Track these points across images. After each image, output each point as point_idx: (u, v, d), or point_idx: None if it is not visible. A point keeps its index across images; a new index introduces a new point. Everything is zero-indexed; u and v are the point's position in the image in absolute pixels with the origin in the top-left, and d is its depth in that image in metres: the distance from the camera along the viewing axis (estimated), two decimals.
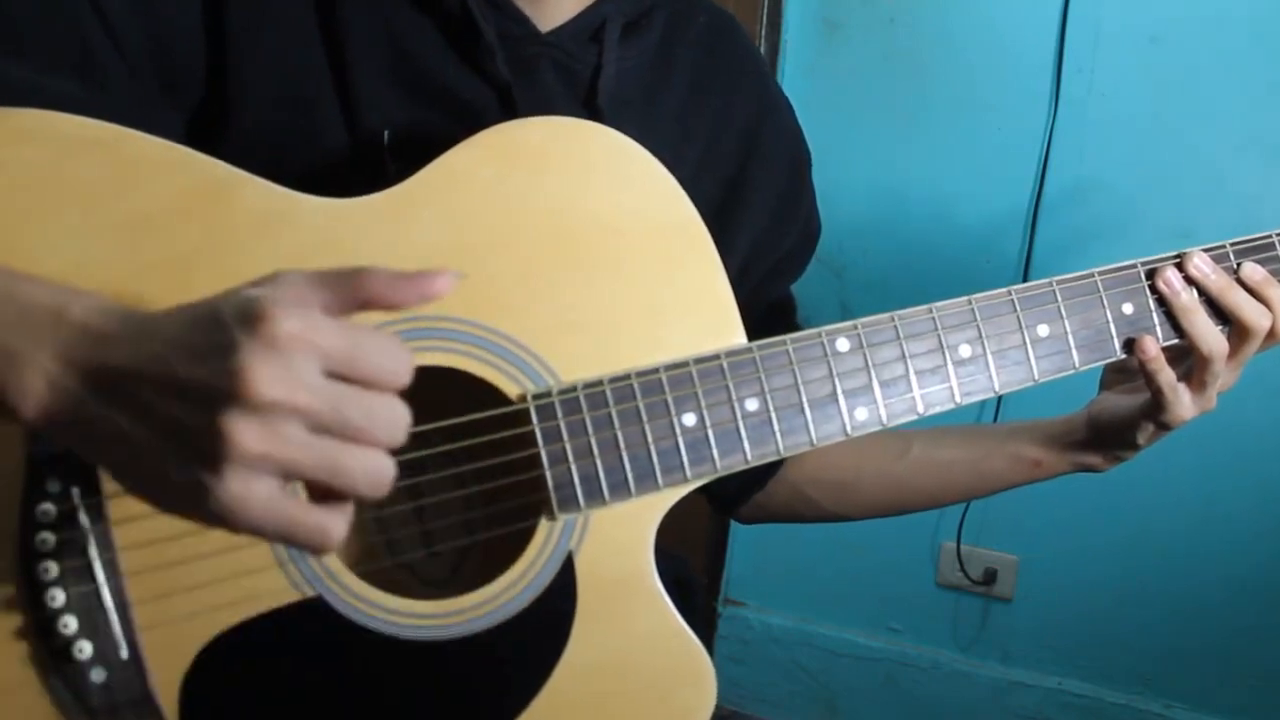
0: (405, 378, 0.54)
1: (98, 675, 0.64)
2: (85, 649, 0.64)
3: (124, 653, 0.65)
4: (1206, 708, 1.92)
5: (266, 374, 0.50)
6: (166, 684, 0.67)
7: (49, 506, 0.63)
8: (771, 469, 0.99)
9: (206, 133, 0.76)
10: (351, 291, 0.55)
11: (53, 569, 0.64)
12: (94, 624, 0.64)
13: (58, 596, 0.64)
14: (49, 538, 0.64)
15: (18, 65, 0.69)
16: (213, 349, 0.51)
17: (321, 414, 0.52)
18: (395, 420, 0.54)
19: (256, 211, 0.67)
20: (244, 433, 0.51)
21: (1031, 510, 1.95)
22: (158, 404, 0.52)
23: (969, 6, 1.84)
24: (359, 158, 0.77)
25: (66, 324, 0.55)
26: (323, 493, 0.54)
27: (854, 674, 2.14)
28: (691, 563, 1.01)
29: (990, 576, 2.01)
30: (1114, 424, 0.90)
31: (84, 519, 0.64)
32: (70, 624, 0.64)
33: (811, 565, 2.13)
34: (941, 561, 2.05)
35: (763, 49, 1.92)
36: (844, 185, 1.94)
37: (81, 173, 0.65)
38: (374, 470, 0.53)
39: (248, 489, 0.52)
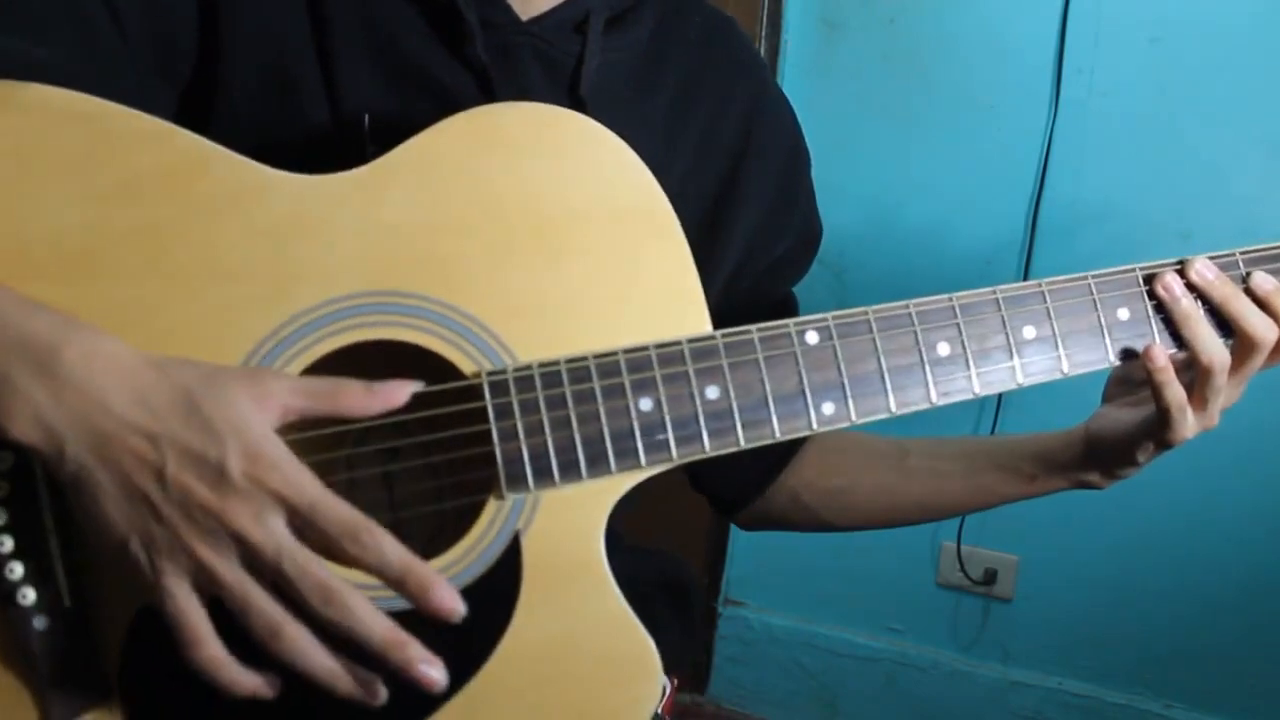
0: (357, 545, 0.61)
1: (40, 622, 0.66)
2: (29, 595, 0.65)
3: (67, 601, 0.66)
4: (1206, 708, 1.92)
5: (241, 510, 0.60)
6: (109, 635, 0.68)
7: (6, 454, 0.65)
8: (770, 475, 0.99)
9: (197, 110, 0.77)
10: (327, 406, 0.64)
11: (3, 516, 0.65)
12: (39, 571, 0.66)
13: (6, 542, 0.65)
14: (3, 485, 0.65)
15: (19, 39, 0.70)
16: (206, 463, 0.60)
17: (265, 554, 0.60)
18: (325, 586, 0.60)
19: (230, 185, 0.69)
20: (197, 543, 0.60)
21: (1031, 510, 1.94)
22: (136, 476, 0.60)
23: (969, 6, 1.85)
24: (341, 139, 0.78)
25: (63, 363, 0.60)
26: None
27: (855, 674, 2.14)
28: (691, 563, 1.01)
29: (990, 576, 2.01)
30: (1113, 441, 0.87)
31: (38, 468, 0.65)
32: (16, 569, 0.65)
33: (812, 565, 2.14)
34: (941, 561, 2.05)
35: (763, 49, 1.92)
36: (844, 186, 1.94)
37: (64, 143, 0.67)
38: (271, 615, 0.60)
39: (177, 584, 0.61)
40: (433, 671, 0.62)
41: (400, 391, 0.65)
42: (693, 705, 2.22)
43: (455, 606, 0.62)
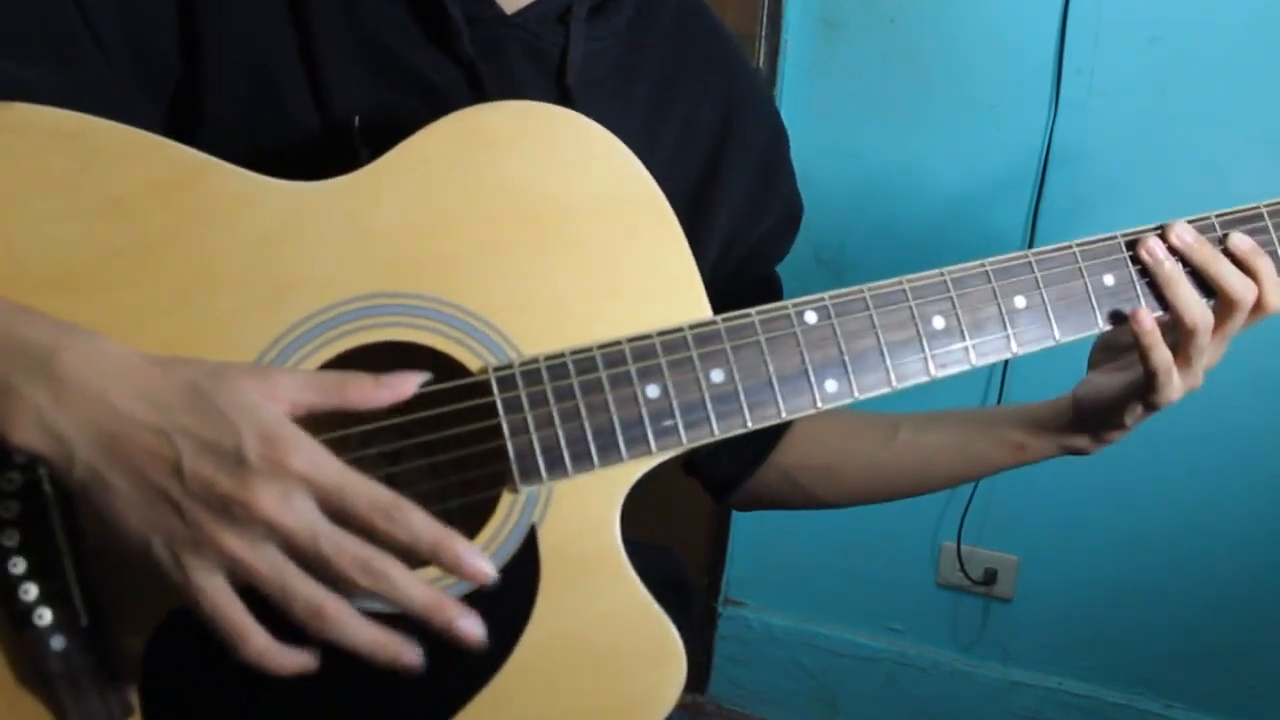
0: (389, 523, 0.60)
1: (57, 643, 0.65)
2: (45, 616, 0.65)
3: (84, 620, 0.66)
4: (1206, 708, 1.92)
5: (267, 495, 0.58)
6: (128, 652, 0.67)
7: (14, 474, 0.64)
8: (762, 455, 0.99)
9: (183, 121, 0.77)
10: (336, 399, 0.63)
11: (15, 537, 0.65)
12: (55, 591, 0.65)
13: (19, 564, 0.65)
14: (13, 505, 0.65)
15: (3, 60, 0.70)
16: (223, 452, 0.58)
17: (299, 538, 0.58)
18: (365, 560, 0.59)
19: (223, 195, 0.69)
20: (227, 536, 0.58)
21: (1031, 510, 1.96)
22: (152, 474, 0.58)
23: (969, 6, 1.85)
24: (330, 141, 0.78)
25: (62, 365, 0.59)
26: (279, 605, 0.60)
27: (855, 674, 2.14)
28: (691, 563, 1.01)
29: (990, 576, 2.01)
30: (1100, 405, 0.88)
31: (49, 487, 0.65)
32: (31, 591, 0.65)
33: (812, 565, 2.14)
34: (941, 561, 2.05)
35: (763, 49, 1.92)
36: (844, 185, 1.94)
37: (53, 162, 0.66)
38: (314, 599, 0.59)
39: (210, 578, 0.59)
40: (473, 627, 0.62)
41: (408, 382, 0.64)
42: (693, 705, 2.22)
43: (488, 570, 0.62)
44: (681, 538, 2.03)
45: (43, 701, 0.66)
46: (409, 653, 0.63)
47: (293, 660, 0.62)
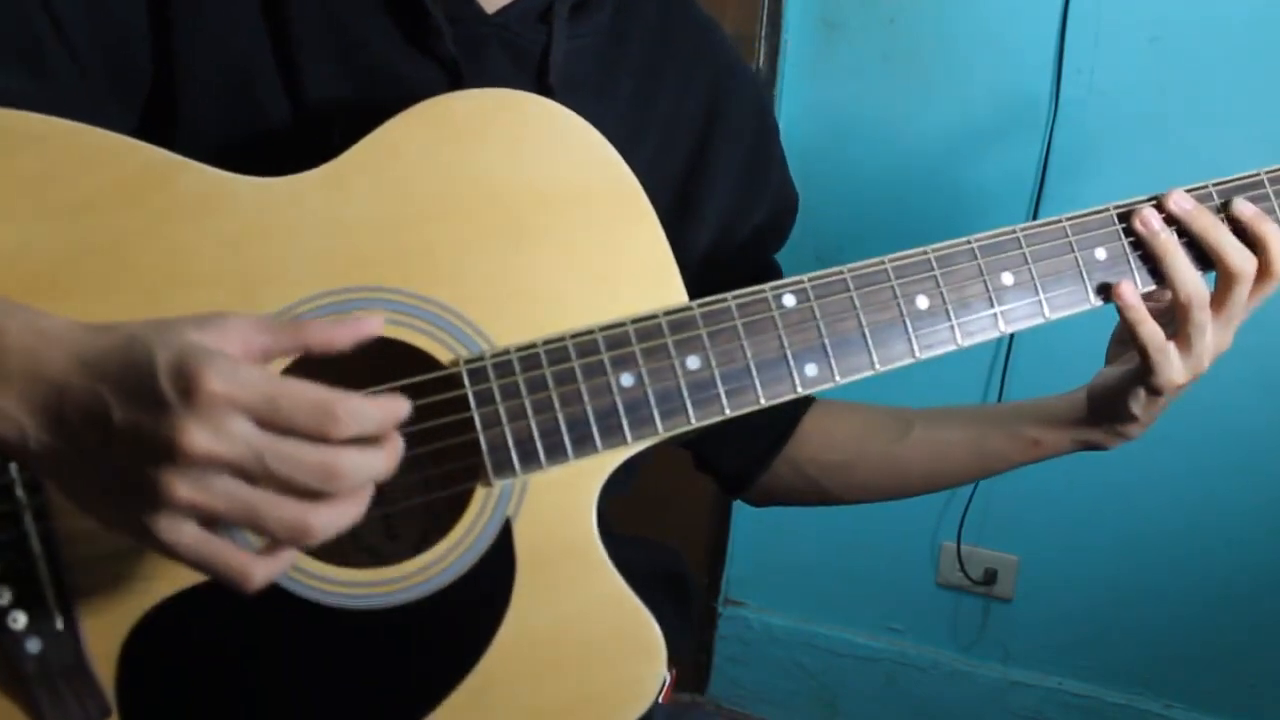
0: (336, 424, 0.55)
1: (33, 645, 0.65)
2: (20, 619, 0.65)
3: (59, 623, 0.65)
4: (1206, 708, 1.92)
5: (194, 431, 0.53)
6: (104, 654, 0.67)
7: None
8: (774, 449, 0.99)
9: (158, 125, 0.77)
10: (292, 340, 0.59)
11: None
12: (29, 595, 0.65)
13: None
14: None
15: None
16: (145, 400, 0.54)
17: (246, 464, 0.54)
18: (325, 466, 0.55)
19: (196, 193, 0.68)
20: (173, 484, 0.54)
21: (1031, 510, 1.95)
22: (90, 434, 0.55)
23: (969, 6, 1.85)
24: (307, 143, 0.77)
25: (5, 347, 0.57)
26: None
27: (855, 674, 2.14)
28: (691, 563, 1.01)
29: (990, 576, 2.01)
30: (1107, 394, 0.87)
31: (20, 492, 0.64)
32: (5, 595, 0.65)
33: (812, 565, 2.13)
34: (941, 561, 2.05)
35: (762, 49, 1.92)
36: (844, 184, 1.93)
37: (22, 163, 0.66)
38: (290, 519, 0.56)
39: (178, 530, 0.55)
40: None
41: (369, 322, 0.60)
42: (693, 705, 2.22)
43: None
44: (681, 537, 2.02)
45: (19, 705, 0.66)
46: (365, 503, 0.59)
47: (291, 558, 0.59)
